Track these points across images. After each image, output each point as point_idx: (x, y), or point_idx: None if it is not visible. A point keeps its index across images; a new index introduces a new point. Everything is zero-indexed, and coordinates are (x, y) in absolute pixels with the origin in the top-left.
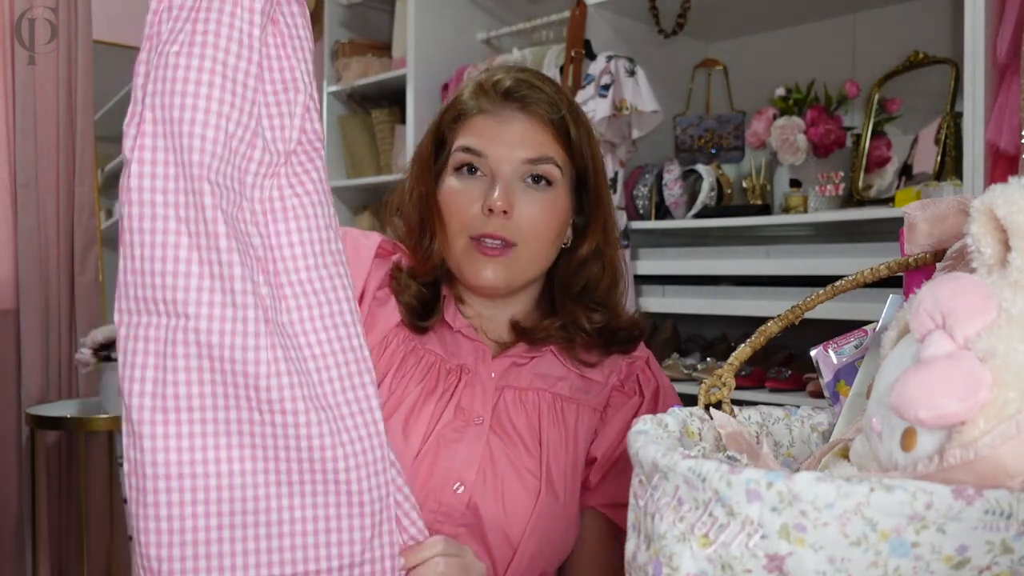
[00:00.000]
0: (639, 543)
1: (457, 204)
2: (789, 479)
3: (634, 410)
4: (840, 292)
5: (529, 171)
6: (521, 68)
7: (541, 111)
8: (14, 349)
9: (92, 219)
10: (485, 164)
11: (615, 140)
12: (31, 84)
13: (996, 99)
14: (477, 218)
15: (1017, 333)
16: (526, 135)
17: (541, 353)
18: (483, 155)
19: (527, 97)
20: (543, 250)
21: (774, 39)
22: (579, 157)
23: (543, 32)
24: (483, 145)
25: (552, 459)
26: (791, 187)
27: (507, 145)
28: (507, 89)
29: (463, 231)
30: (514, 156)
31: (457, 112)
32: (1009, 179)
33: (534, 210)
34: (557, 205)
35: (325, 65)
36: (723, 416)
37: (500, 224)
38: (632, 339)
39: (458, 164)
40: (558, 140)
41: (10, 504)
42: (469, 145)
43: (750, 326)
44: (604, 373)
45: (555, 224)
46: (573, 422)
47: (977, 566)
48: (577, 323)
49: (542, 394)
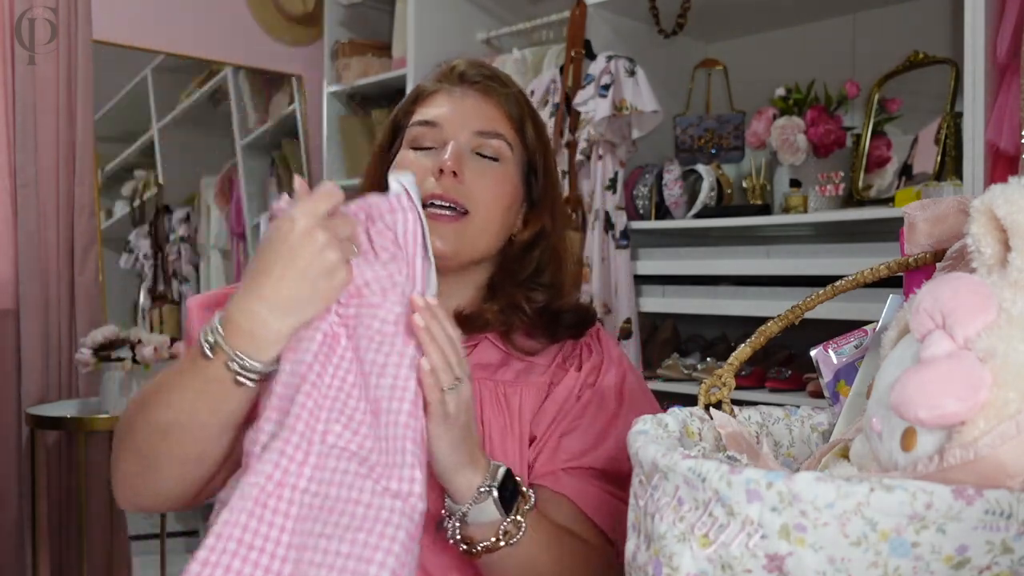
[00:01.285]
0: (639, 543)
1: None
2: (789, 479)
3: (570, 385)
4: (840, 292)
5: (480, 144)
6: (478, 64)
7: (495, 94)
8: (14, 349)
9: (92, 219)
10: (439, 136)
11: (615, 140)
12: (31, 84)
13: (996, 99)
14: (428, 183)
15: (1017, 333)
16: (480, 110)
17: (477, 341)
18: (437, 124)
19: (484, 81)
20: (495, 221)
21: (774, 39)
22: (529, 144)
23: (543, 32)
24: (437, 116)
25: (498, 448)
26: (791, 187)
27: (461, 117)
28: (463, 72)
29: None
30: (466, 126)
31: (415, 96)
32: (1009, 179)
33: (485, 180)
34: (507, 180)
35: (325, 65)
36: (723, 416)
37: (451, 185)
38: (581, 323)
39: (412, 138)
40: (510, 123)
41: (10, 504)
42: (424, 119)
43: (750, 326)
44: (550, 356)
45: (506, 196)
46: (517, 406)
47: (977, 566)
48: (516, 305)
49: (483, 383)
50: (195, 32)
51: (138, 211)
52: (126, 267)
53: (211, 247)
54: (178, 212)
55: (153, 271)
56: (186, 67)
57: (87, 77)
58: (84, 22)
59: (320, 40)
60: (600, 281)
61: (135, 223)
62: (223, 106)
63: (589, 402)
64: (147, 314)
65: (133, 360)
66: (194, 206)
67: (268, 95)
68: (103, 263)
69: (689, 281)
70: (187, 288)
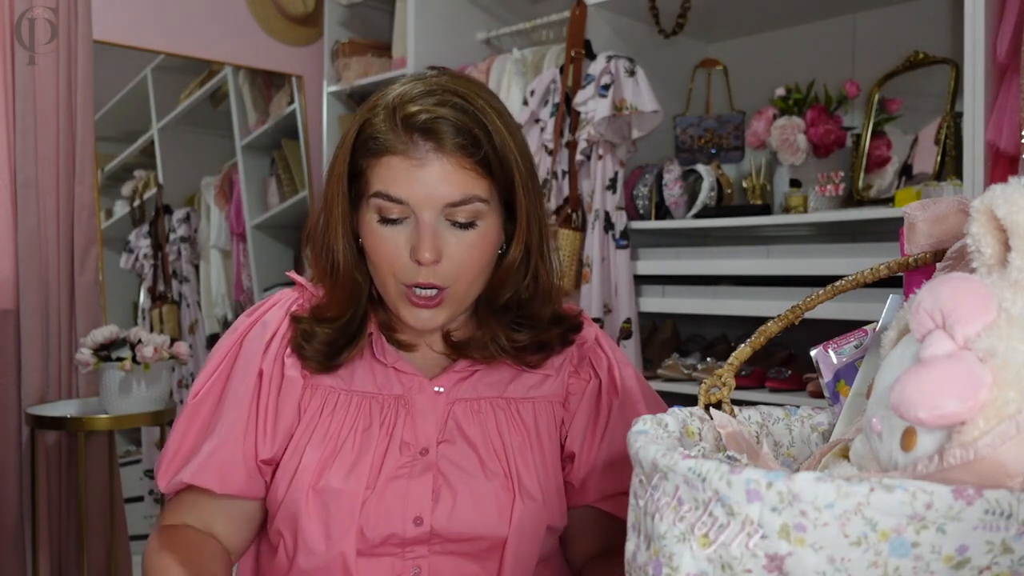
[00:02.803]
0: (639, 543)
1: (383, 251)
2: (789, 479)
3: (595, 394)
4: (840, 292)
5: (453, 213)
6: (430, 90)
7: (457, 145)
8: (14, 349)
9: (92, 219)
10: (407, 211)
11: (615, 140)
12: (31, 84)
13: (996, 99)
14: (407, 267)
15: (1017, 333)
16: (445, 176)
17: (484, 364)
18: (403, 201)
19: (440, 132)
20: (477, 282)
21: (774, 39)
22: (503, 178)
23: (543, 32)
24: (402, 192)
25: (520, 463)
26: (791, 187)
27: (427, 189)
28: (419, 126)
29: (393, 276)
30: (435, 200)
31: (370, 141)
32: (1009, 179)
33: (462, 251)
34: (487, 237)
35: (325, 65)
36: (723, 416)
37: (430, 272)
38: (572, 332)
39: (377, 210)
40: (479, 172)
41: (10, 504)
42: (388, 192)
43: (750, 326)
44: (556, 365)
45: (487, 256)
46: (532, 421)
47: (977, 566)
48: (498, 342)
49: (495, 401)
50: (195, 32)
51: (138, 211)
52: (126, 267)
53: (211, 247)
54: (178, 212)
55: (153, 271)
56: (186, 67)
57: (87, 77)
58: (84, 22)
59: (320, 40)
60: (600, 281)
61: (135, 223)
62: (223, 106)
63: (614, 406)
64: (147, 314)
65: (133, 360)
66: (194, 206)
67: (268, 95)
68: (103, 263)
69: (689, 281)
70: (187, 288)
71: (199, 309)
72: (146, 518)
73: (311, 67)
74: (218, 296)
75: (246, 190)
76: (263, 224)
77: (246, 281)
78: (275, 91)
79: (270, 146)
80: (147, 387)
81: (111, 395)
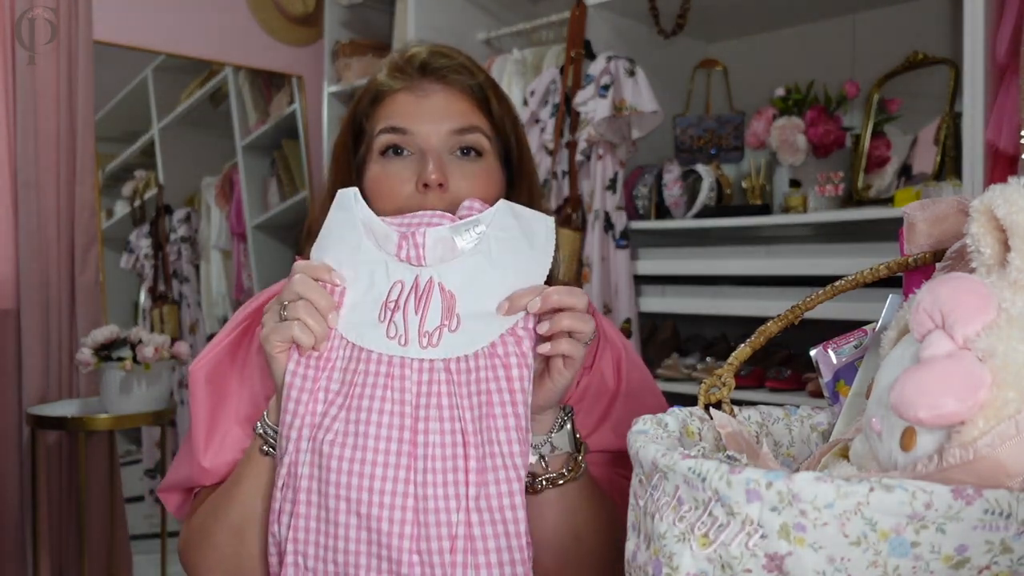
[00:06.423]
0: (639, 543)
1: (388, 186)
2: (789, 479)
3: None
4: (840, 292)
5: (458, 143)
6: (435, 44)
7: (460, 81)
8: (14, 349)
9: (92, 219)
10: (412, 142)
11: (615, 140)
12: (31, 84)
13: (996, 99)
14: (412, 197)
15: (1017, 333)
16: (449, 106)
17: None
18: (408, 132)
19: (444, 68)
20: None
21: (774, 39)
22: (502, 128)
23: (543, 32)
24: (407, 122)
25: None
26: (791, 187)
27: (432, 118)
28: (423, 62)
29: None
30: (441, 128)
31: (374, 94)
32: (1009, 179)
33: (470, 182)
34: (491, 175)
35: (325, 65)
36: (723, 416)
37: (437, 198)
38: None
39: (383, 147)
40: (481, 109)
41: (10, 504)
42: (392, 124)
43: (750, 326)
44: None
45: (492, 194)
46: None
47: (977, 566)
48: None
49: None
50: (195, 32)
51: (138, 211)
52: (126, 267)
53: (211, 247)
54: (178, 212)
55: (153, 271)
56: (186, 67)
57: (87, 77)
58: (84, 22)
59: (320, 40)
60: (600, 281)
61: (135, 223)
62: (223, 106)
63: (587, 387)
64: (147, 314)
65: (133, 360)
66: (194, 206)
67: (268, 95)
68: (103, 263)
69: (689, 281)
70: (187, 288)
71: (200, 309)
72: (146, 518)
73: (311, 67)
74: (218, 296)
75: (246, 190)
76: (263, 224)
77: (246, 281)
78: (275, 91)
79: (270, 146)
80: (147, 387)
81: (111, 395)
